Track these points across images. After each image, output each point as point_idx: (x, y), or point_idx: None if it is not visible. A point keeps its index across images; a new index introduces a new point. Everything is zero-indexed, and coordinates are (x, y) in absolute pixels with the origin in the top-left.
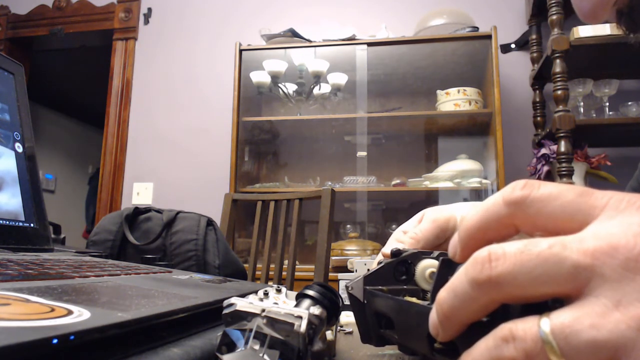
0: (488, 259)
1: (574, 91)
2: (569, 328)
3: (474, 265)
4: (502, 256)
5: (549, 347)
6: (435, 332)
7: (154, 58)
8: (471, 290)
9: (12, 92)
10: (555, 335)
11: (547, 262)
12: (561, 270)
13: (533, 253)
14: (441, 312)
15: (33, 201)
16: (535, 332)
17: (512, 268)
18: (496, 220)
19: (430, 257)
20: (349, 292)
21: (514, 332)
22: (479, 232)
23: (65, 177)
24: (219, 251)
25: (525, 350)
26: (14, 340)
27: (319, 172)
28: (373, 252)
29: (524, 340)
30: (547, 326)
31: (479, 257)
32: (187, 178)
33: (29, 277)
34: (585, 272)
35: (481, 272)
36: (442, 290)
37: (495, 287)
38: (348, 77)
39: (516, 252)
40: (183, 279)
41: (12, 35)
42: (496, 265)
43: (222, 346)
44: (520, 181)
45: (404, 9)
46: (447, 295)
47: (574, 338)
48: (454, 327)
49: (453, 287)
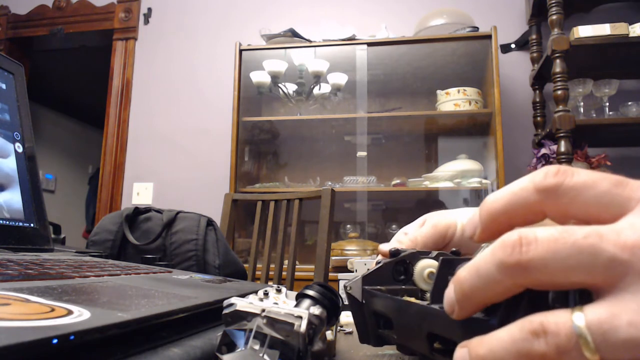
0: (519, 243)
1: (574, 91)
2: (607, 324)
3: (503, 248)
4: (534, 241)
5: (584, 342)
6: (450, 310)
7: (154, 58)
8: (497, 273)
9: (12, 92)
10: (591, 330)
11: (582, 252)
12: (596, 262)
13: (568, 241)
14: (461, 290)
15: (33, 201)
16: (570, 327)
17: (544, 255)
18: (524, 206)
19: (428, 257)
20: (348, 292)
21: (546, 325)
22: (503, 216)
23: (65, 177)
24: (219, 251)
25: (558, 345)
26: (14, 340)
27: (319, 172)
28: (373, 252)
29: (556, 335)
30: (581, 321)
31: (508, 240)
32: (187, 178)
33: (29, 277)
34: (622, 267)
35: (511, 255)
36: (463, 269)
37: (524, 272)
38: (348, 77)
39: (550, 238)
40: (183, 279)
41: (12, 35)
42: (527, 250)
43: (222, 346)
44: (553, 167)
45: (404, 9)
46: (468, 275)
47: (612, 335)
48: (471, 307)
49: (477, 267)
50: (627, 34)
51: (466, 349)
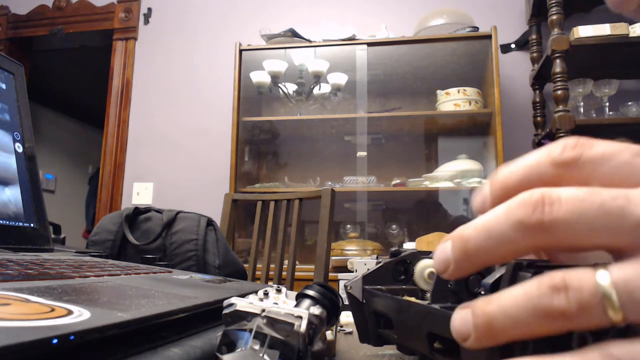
0: (542, 202)
1: (574, 91)
2: (634, 282)
3: (523, 207)
4: (558, 201)
5: (608, 300)
6: (443, 268)
7: (154, 58)
8: (512, 233)
9: (12, 92)
10: (617, 288)
11: (610, 214)
12: (624, 224)
13: (595, 202)
14: (463, 249)
15: (33, 201)
16: (594, 283)
17: (569, 216)
18: (539, 180)
19: (428, 257)
20: (348, 291)
21: (568, 280)
22: (516, 190)
23: (65, 177)
24: (219, 251)
25: (580, 302)
26: (14, 340)
27: (319, 172)
28: (373, 252)
29: (579, 291)
30: (606, 278)
31: (529, 199)
32: (187, 178)
33: (29, 277)
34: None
35: (532, 215)
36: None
37: (545, 233)
38: (348, 77)
39: (576, 198)
40: (183, 279)
41: (12, 35)
42: (551, 211)
43: (222, 346)
44: (571, 139)
45: (404, 9)
46: (476, 233)
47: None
48: (470, 267)
49: (487, 226)
50: (627, 34)
51: (468, 309)
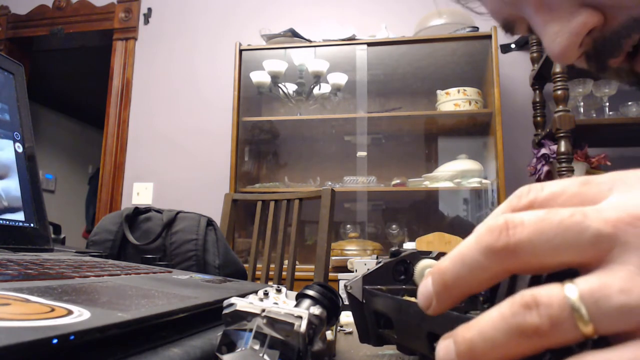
0: (505, 227)
1: (574, 91)
2: (599, 293)
3: (489, 233)
4: (521, 224)
5: (577, 312)
6: (426, 305)
7: (154, 58)
8: (484, 259)
9: (12, 92)
10: (584, 300)
11: (569, 230)
12: (583, 238)
13: (554, 221)
14: (442, 282)
15: (33, 201)
16: (562, 298)
17: (531, 236)
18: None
19: (429, 257)
20: (348, 291)
21: (538, 298)
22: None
23: (65, 177)
24: (219, 251)
25: (551, 316)
26: (14, 340)
27: (319, 172)
28: (373, 252)
29: (549, 306)
30: (574, 291)
31: (494, 225)
32: (187, 178)
33: (29, 277)
34: (608, 241)
35: (498, 239)
36: (444, 259)
37: (512, 256)
38: (348, 77)
39: (536, 219)
40: (183, 279)
41: (12, 35)
42: (514, 233)
43: (222, 346)
44: (524, 188)
45: (404, 9)
46: (452, 264)
47: (605, 303)
48: (450, 299)
49: (460, 256)
50: None
51: (450, 339)
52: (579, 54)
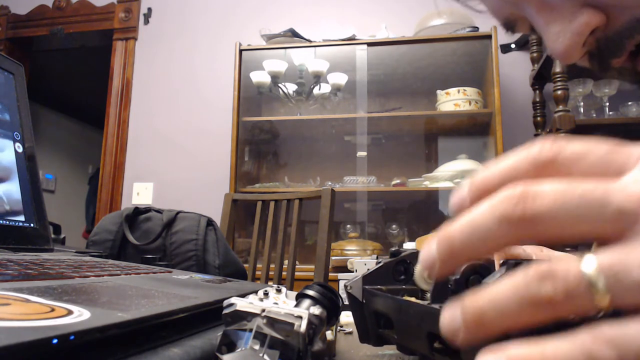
0: (524, 196)
1: (574, 91)
2: (619, 266)
3: (505, 202)
4: (540, 194)
5: (594, 285)
6: (429, 268)
7: (154, 58)
8: (497, 227)
9: (12, 92)
10: (603, 272)
11: (591, 203)
12: (605, 212)
13: (576, 193)
14: (448, 248)
15: (33, 201)
16: (579, 270)
17: (551, 206)
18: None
19: None
20: (348, 291)
21: (554, 269)
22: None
23: (65, 177)
24: (219, 251)
25: (566, 288)
26: (14, 340)
27: (319, 172)
28: (373, 252)
29: (565, 278)
30: (592, 263)
31: (512, 194)
32: (187, 178)
33: (29, 277)
34: (630, 217)
35: (515, 209)
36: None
37: (529, 225)
38: (348, 77)
39: (556, 190)
40: (183, 279)
41: (12, 35)
42: (533, 203)
43: (222, 346)
44: (548, 139)
45: (404, 9)
46: (461, 231)
47: (625, 276)
48: (454, 265)
49: (472, 222)
50: None
51: (456, 307)
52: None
